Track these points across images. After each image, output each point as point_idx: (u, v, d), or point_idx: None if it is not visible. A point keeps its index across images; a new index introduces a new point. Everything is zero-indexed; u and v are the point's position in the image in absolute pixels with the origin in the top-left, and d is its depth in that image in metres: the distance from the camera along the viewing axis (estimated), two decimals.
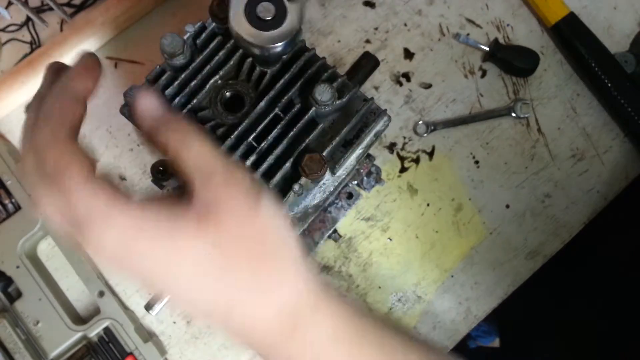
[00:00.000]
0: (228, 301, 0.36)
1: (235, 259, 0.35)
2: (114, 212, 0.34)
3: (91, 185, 0.34)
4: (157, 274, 0.35)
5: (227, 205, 0.35)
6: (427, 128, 0.71)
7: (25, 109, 0.38)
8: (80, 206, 0.33)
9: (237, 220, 0.35)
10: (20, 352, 0.62)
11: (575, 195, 0.71)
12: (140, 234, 0.34)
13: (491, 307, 0.70)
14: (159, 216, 0.34)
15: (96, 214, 0.33)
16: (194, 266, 0.34)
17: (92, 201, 0.33)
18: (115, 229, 0.33)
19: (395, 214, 0.70)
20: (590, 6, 0.75)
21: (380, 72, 0.71)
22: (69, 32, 0.68)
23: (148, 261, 0.34)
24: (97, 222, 0.33)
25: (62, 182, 0.33)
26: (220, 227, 0.35)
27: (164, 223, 0.34)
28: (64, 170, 0.34)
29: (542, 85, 0.73)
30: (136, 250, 0.34)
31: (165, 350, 0.67)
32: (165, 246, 0.34)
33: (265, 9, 0.40)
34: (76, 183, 0.34)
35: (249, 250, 0.36)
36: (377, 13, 0.73)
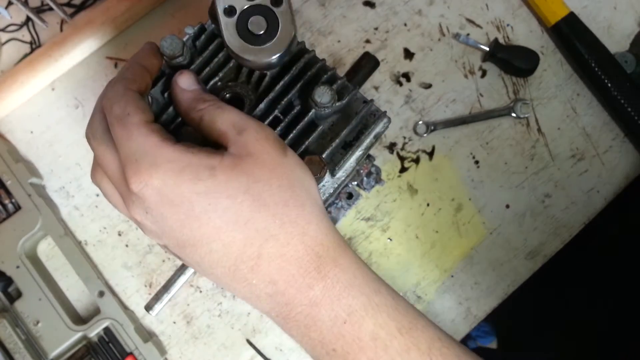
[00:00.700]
0: (259, 241, 0.39)
1: (266, 202, 0.39)
2: (163, 152, 0.38)
3: (147, 128, 0.39)
4: (193, 216, 0.38)
5: (258, 155, 0.40)
6: (427, 128, 0.71)
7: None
8: (135, 144, 0.39)
9: (267, 168, 0.40)
10: (20, 352, 0.62)
11: (575, 195, 0.71)
12: (182, 174, 0.38)
13: (491, 307, 0.70)
14: (200, 160, 0.39)
15: (147, 151, 0.38)
16: (229, 209, 0.38)
17: (146, 140, 0.39)
18: (162, 167, 0.38)
19: (395, 214, 0.70)
20: (590, 6, 0.75)
21: (380, 72, 0.71)
22: (69, 32, 0.68)
23: (186, 203, 0.38)
24: (147, 159, 0.38)
25: (126, 122, 0.39)
26: (253, 174, 0.39)
27: (204, 166, 0.38)
28: (128, 114, 0.40)
29: (542, 85, 0.73)
30: (177, 189, 0.38)
31: (165, 350, 0.67)
32: (204, 187, 0.38)
33: (257, 22, 0.40)
34: (136, 125, 0.39)
35: (279, 194, 0.40)
36: (377, 13, 0.73)
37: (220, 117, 0.41)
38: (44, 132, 0.70)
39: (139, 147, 0.38)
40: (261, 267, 0.39)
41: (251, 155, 0.40)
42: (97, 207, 0.69)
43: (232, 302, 0.68)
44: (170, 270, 0.68)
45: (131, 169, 0.38)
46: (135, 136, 0.39)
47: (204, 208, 0.38)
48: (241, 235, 0.39)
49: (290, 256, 0.39)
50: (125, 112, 0.40)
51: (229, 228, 0.38)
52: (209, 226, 0.38)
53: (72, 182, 0.69)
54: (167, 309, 0.68)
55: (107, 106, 0.41)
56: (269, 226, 0.39)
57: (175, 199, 0.38)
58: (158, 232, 0.40)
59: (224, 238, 0.39)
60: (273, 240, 0.39)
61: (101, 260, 0.68)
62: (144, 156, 0.38)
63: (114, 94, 0.41)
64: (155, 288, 0.67)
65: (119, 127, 0.40)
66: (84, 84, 0.70)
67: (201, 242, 0.39)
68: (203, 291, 0.68)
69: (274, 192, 0.40)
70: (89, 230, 0.69)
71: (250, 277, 0.40)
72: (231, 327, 0.68)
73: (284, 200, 0.40)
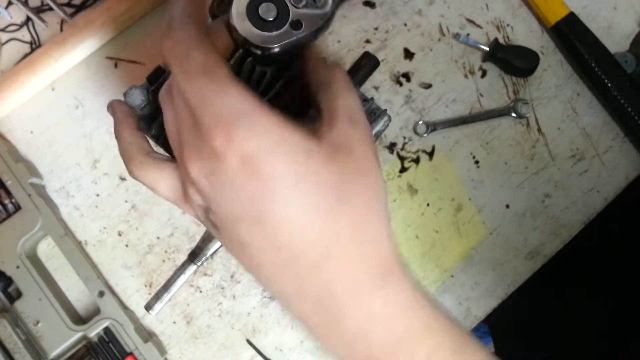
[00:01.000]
0: (334, 239, 0.36)
1: (352, 202, 0.36)
2: (263, 118, 0.34)
3: (241, 86, 0.35)
4: (272, 194, 0.34)
5: (358, 154, 0.37)
6: (427, 128, 0.71)
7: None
8: (232, 101, 0.34)
9: (362, 169, 0.38)
10: (20, 352, 0.62)
11: (575, 195, 0.71)
12: (280, 148, 0.34)
13: (491, 307, 0.70)
14: (301, 138, 0.35)
15: (247, 112, 0.34)
16: (314, 197, 0.35)
17: (245, 100, 0.34)
18: (262, 135, 0.34)
19: (395, 214, 0.70)
20: (590, 6, 0.75)
21: (380, 72, 0.71)
22: (69, 32, 0.68)
23: (274, 178, 0.34)
24: (245, 122, 0.33)
25: (214, 74, 0.34)
26: (347, 171, 0.36)
27: (303, 147, 0.35)
28: (215, 64, 0.35)
29: (542, 85, 0.73)
30: (269, 163, 0.34)
31: (165, 350, 0.67)
32: (297, 168, 0.34)
33: (268, 9, 0.39)
34: (230, 79, 0.34)
35: (364, 198, 0.37)
36: (377, 13, 0.73)
37: (345, 98, 0.39)
38: (44, 132, 0.70)
39: (237, 105, 0.34)
40: (324, 267, 0.36)
41: (352, 153, 0.37)
42: (97, 207, 0.69)
43: (232, 302, 0.68)
44: (170, 270, 0.68)
45: (222, 126, 0.33)
46: (232, 93, 0.34)
47: (290, 189, 0.34)
48: (317, 228, 0.35)
49: (359, 264, 0.37)
50: (211, 61, 0.35)
51: (307, 217, 0.35)
52: (287, 210, 0.35)
53: (72, 182, 0.69)
54: (167, 309, 0.68)
55: (179, 51, 0.35)
56: (347, 226, 0.36)
57: (262, 170, 0.34)
58: (214, 197, 0.36)
59: (297, 225, 0.35)
60: (347, 242, 0.36)
61: (101, 260, 0.68)
62: (244, 116, 0.34)
63: (187, 37, 0.36)
64: (155, 288, 0.67)
65: (205, 78, 0.34)
66: (84, 84, 0.70)
67: (268, 223, 0.35)
68: (203, 291, 0.68)
69: (362, 195, 0.37)
70: (89, 230, 0.69)
71: (306, 276, 0.36)
72: (231, 327, 0.68)
73: (369, 204, 0.37)
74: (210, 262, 0.69)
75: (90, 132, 0.69)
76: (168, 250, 0.68)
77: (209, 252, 0.52)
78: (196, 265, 0.52)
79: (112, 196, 0.69)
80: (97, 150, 0.69)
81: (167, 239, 0.69)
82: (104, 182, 0.69)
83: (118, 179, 0.69)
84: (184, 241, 0.69)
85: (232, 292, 0.68)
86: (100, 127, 0.70)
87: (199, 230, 0.69)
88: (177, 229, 0.69)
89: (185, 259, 0.53)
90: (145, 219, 0.69)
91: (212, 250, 0.52)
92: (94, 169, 0.69)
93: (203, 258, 0.52)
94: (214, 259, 0.69)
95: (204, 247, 0.52)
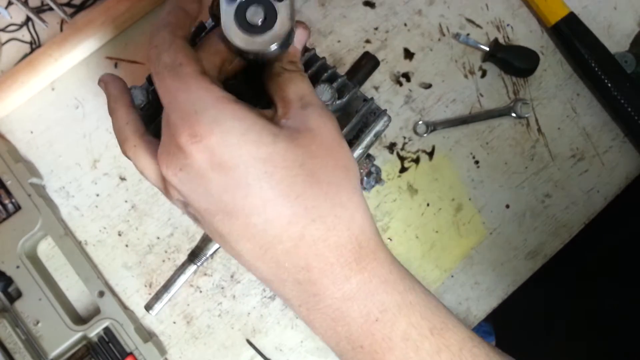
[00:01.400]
0: (305, 220, 0.36)
1: (320, 179, 0.37)
2: (227, 108, 0.35)
3: (205, 80, 0.36)
4: (243, 183, 0.35)
5: (317, 132, 0.38)
6: (427, 128, 0.71)
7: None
8: (194, 96, 0.35)
9: (325, 146, 0.38)
10: (20, 352, 0.62)
11: (575, 195, 0.71)
12: (246, 135, 0.35)
13: (491, 307, 0.70)
14: (264, 123, 0.36)
15: (209, 105, 0.35)
16: (282, 180, 0.36)
17: (207, 93, 0.36)
18: (225, 125, 0.35)
19: (395, 214, 0.70)
20: (590, 6, 0.75)
21: (380, 72, 0.71)
22: (69, 32, 0.68)
23: (241, 167, 0.35)
24: (209, 113, 0.35)
25: (179, 72, 0.36)
26: (310, 149, 0.37)
27: (268, 131, 0.36)
28: (180, 64, 0.37)
29: (542, 85, 0.73)
30: (237, 151, 0.35)
31: (165, 350, 0.67)
32: (265, 153, 0.35)
33: (255, 13, 0.39)
34: (193, 75, 0.36)
35: (333, 174, 0.38)
36: (377, 13, 0.73)
37: (294, 85, 0.40)
38: (44, 132, 0.70)
39: (198, 100, 0.35)
40: (299, 250, 0.36)
41: (310, 131, 0.38)
42: (97, 207, 0.69)
43: (232, 302, 0.68)
44: (170, 270, 0.68)
45: (186, 122, 0.35)
46: (194, 88, 0.36)
47: (258, 176, 0.35)
48: (288, 212, 0.36)
49: (333, 242, 0.37)
50: (177, 61, 0.37)
51: (278, 202, 0.36)
52: (257, 197, 0.35)
53: (72, 182, 0.69)
54: (167, 309, 0.68)
55: (153, 55, 0.38)
56: (319, 205, 0.36)
57: (229, 160, 0.35)
58: (187, 193, 0.37)
59: (269, 212, 0.36)
60: (320, 222, 0.36)
61: (101, 260, 0.68)
62: (205, 110, 0.35)
63: (161, 42, 0.38)
64: (155, 288, 0.67)
65: (171, 77, 0.36)
66: (84, 84, 0.70)
67: (240, 213, 0.36)
68: (203, 291, 0.68)
69: (329, 171, 0.38)
70: (89, 230, 0.69)
71: (284, 259, 0.37)
72: (231, 327, 0.68)
73: (337, 181, 0.38)
74: (210, 262, 0.69)
75: (90, 132, 0.69)
76: (168, 250, 0.68)
77: (209, 252, 0.52)
78: (196, 265, 0.52)
79: (112, 196, 0.69)
80: (97, 150, 0.69)
81: (167, 239, 0.69)
82: (104, 182, 0.69)
83: (118, 179, 0.69)
84: (184, 241, 0.69)
85: (232, 292, 0.68)
86: (100, 127, 0.70)
87: (199, 230, 0.69)
88: (177, 229, 0.69)
89: (185, 259, 0.53)
90: (145, 219, 0.69)
91: (212, 250, 0.52)
92: (94, 169, 0.69)
93: (203, 258, 0.52)
94: (214, 259, 0.69)
95: (203, 247, 0.52)
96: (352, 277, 0.37)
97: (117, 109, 0.44)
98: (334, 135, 0.39)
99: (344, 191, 0.38)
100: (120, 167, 0.69)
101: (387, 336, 0.37)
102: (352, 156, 0.41)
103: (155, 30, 0.39)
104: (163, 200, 0.69)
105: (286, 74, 0.41)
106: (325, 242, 0.37)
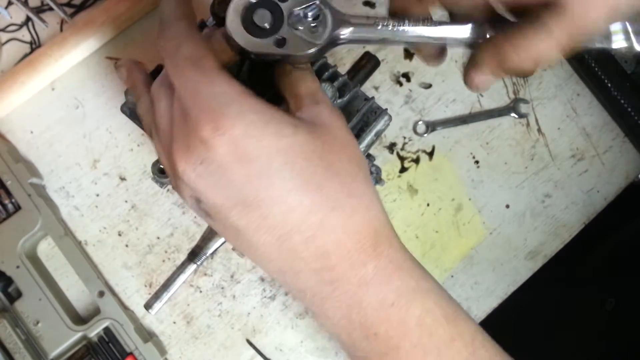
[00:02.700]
0: (325, 209, 0.37)
1: (338, 171, 0.38)
2: (249, 102, 0.36)
3: (225, 75, 0.37)
4: (265, 174, 0.36)
5: (330, 127, 0.40)
6: (427, 128, 0.71)
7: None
8: (218, 89, 0.36)
9: (339, 140, 0.40)
10: (20, 352, 0.62)
11: (575, 195, 0.71)
12: (267, 127, 0.36)
13: (491, 307, 0.70)
14: (283, 116, 0.37)
15: (233, 98, 0.36)
16: (303, 171, 0.37)
17: (230, 87, 0.36)
18: (248, 117, 0.36)
19: (395, 214, 0.70)
20: None
21: (380, 72, 0.71)
22: (69, 32, 0.68)
23: (263, 158, 0.36)
24: (231, 108, 0.36)
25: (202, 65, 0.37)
26: (327, 142, 0.38)
27: (288, 122, 0.37)
28: (202, 56, 0.37)
29: (542, 85, 0.73)
30: (259, 142, 0.36)
31: (165, 350, 0.67)
32: (286, 143, 0.36)
33: (262, 16, 0.39)
34: (216, 69, 0.37)
35: (349, 166, 0.39)
36: (377, 13, 0.73)
37: (305, 82, 0.42)
38: (44, 132, 0.70)
39: (222, 94, 0.36)
40: (318, 238, 0.37)
41: (324, 126, 0.39)
42: (97, 207, 0.69)
43: (232, 302, 0.68)
44: (170, 270, 0.68)
45: (209, 115, 0.35)
46: (217, 82, 0.36)
47: (280, 166, 0.36)
48: (308, 201, 0.37)
49: (351, 229, 0.38)
50: (198, 54, 0.37)
51: (299, 192, 0.36)
52: (279, 187, 0.36)
53: (72, 182, 0.69)
54: (167, 309, 0.68)
55: (170, 47, 0.38)
56: (337, 195, 0.38)
57: (252, 152, 0.35)
58: (204, 188, 0.37)
59: (290, 202, 0.36)
60: (339, 210, 0.38)
61: (101, 260, 0.68)
62: (229, 103, 0.36)
63: (178, 33, 0.38)
64: (155, 288, 0.66)
65: (192, 69, 0.37)
66: (84, 84, 0.70)
67: (262, 204, 0.36)
68: (203, 291, 0.68)
69: (344, 164, 0.39)
70: (89, 230, 0.69)
71: (301, 249, 0.37)
72: (231, 327, 0.68)
73: (353, 173, 0.39)
74: (210, 262, 0.69)
75: (90, 132, 0.69)
76: (168, 250, 0.68)
77: (209, 251, 0.52)
78: (196, 264, 0.52)
79: (112, 196, 0.69)
80: (97, 150, 0.69)
81: (167, 239, 0.69)
82: (104, 182, 0.69)
83: (118, 179, 0.69)
84: (184, 241, 0.69)
85: (232, 292, 0.68)
86: (100, 127, 0.70)
87: (199, 230, 0.69)
88: (177, 229, 0.69)
89: (184, 259, 0.53)
90: (145, 219, 0.69)
91: (211, 250, 0.52)
92: (94, 169, 0.69)
93: (203, 257, 0.52)
94: (213, 258, 0.69)
95: (203, 246, 0.52)
96: (369, 263, 0.38)
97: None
98: (345, 131, 0.41)
99: (359, 183, 0.40)
100: (120, 167, 0.69)
101: (402, 320, 0.38)
102: (361, 151, 0.43)
103: (167, 21, 0.40)
104: (163, 200, 0.69)
105: (297, 72, 0.42)
106: (343, 229, 0.38)
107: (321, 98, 0.41)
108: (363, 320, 0.38)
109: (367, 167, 0.42)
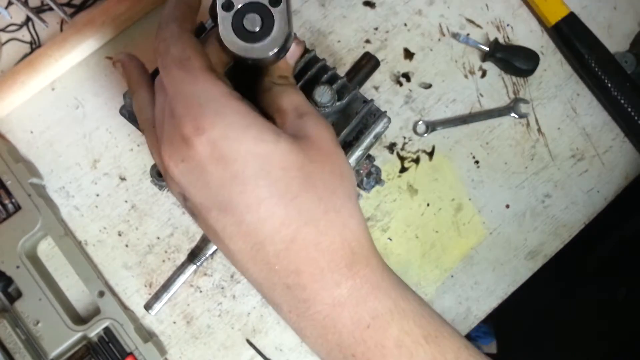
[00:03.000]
0: (298, 223, 0.36)
1: (316, 184, 0.37)
2: (231, 103, 0.36)
3: (212, 75, 0.37)
4: (240, 178, 0.36)
5: (315, 139, 0.39)
6: (427, 128, 0.71)
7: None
8: (200, 88, 0.36)
9: (322, 152, 0.39)
10: (20, 352, 0.62)
11: (575, 195, 0.71)
12: (248, 130, 0.36)
13: (491, 307, 0.70)
14: (265, 122, 0.37)
15: (214, 98, 0.36)
16: (279, 180, 0.36)
17: (213, 87, 0.37)
18: (228, 118, 0.35)
19: (395, 214, 0.70)
20: (590, 6, 0.75)
21: (380, 72, 0.71)
22: (69, 32, 0.68)
23: (240, 162, 0.35)
24: (213, 105, 0.36)
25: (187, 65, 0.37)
26: (310, 154, 0.38)
27: (270, 129, 0.37)
28: (189, 57, 0.38)
29: (542, 85, 0.73)
30: (237, 145, 0.35)
31: (165, 350, 0.67)
32: (265, 149, 0.36)
33: (252, 20, 0.39)
34: (200, 69, 0.37)
35: (329, 179, 0.38)
36: (377, 13, 0.73)
37: (288, 96, 0.41)
38: (44, 132, 0.70)
39: (204, 93, 0.36)
40: (290, 252, 0.36)
41: (308, 138, 0.39)
42: (97, 207, 0.69)
43: (232, 302, 0.68)
44: (170, 270, 0.68)
45: (190, 113, 0.35)
46: (201, 81, 0.37)
47: (256, 172, 0.35)
48: (282, 212, 0.36)
49: (325, 247, 0.37)
50: (186, 54, 0.38)
51: (272, 201, 0.36)
52: (253, 194, 0.36)
53: (72, 182, 0.69)
54: (167, 309, 0.68)
55: (161, 48, 0.39)
56: (312, 209, 0.37)
57: (229, 154, 0.35)
58: (187, 186, 0.37)
59: (262, 211, 0.36)
60: (313, 226, 0.37)
61: (101, 260, 0.68)
62: (210, 102, 0.36)
63: (169, 35, 0.39)
64: (155, 288, 0.67)
65: (178, 69, 0.37)
66: (84, 84, 0.70)
67: (235, 210, 0.36)
68: (203, 291, 0.68)
69: (325, 176, 0.38)
70: (89, 230, 0.69)
71: (274, 261, 0.37)
72: (231, 327, 0.68)
73: (333, 187, 0.38)
74: (210, 262, 0.69)
75: (90, 132, 0.69)
76: (168, 250, 0.69)
77: (209, 251, 0.52)
78: (196, 265, 0.52)
79: (112, 196, 0.69)
80: (97, 150, 0.69)
81: (167, 239, 0.69)
82: (104, 182, 0.69)
83: (118, 179, 0.69)
84: (184, 241, 0.69)
85: (232, 292, 0.68)
86: (100, 127, 0.70)
87: (199, 230, 0.69)
88: (177, 229, 0.69)
89: (184, 259, 0.53)
90: (145, 219, 0.69)
91: (211, 250, 0.52)
92: (94, 169, 0.69)
93: (202, 258, 0.52)
94: (213, 258, 0.69)
95: (203, 246, 0.52)
96: (343, 283, 0.37)
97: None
98: (331, 142, 0.40)
99: (338, 197, 0.38)
100: (120, 167, 0.69)
101: (379, 343, 0.37)
102: (348, 164, 0.42)
103: (163, 23, 0.40)
104: (163, 201, 0.69)
105: (277, 88, 0.42)
106: (316, 247, 0.37)
107: (305, 110, 0.41)
108: (339, 341, 0.37)
109: (352, 181, 0.41)
